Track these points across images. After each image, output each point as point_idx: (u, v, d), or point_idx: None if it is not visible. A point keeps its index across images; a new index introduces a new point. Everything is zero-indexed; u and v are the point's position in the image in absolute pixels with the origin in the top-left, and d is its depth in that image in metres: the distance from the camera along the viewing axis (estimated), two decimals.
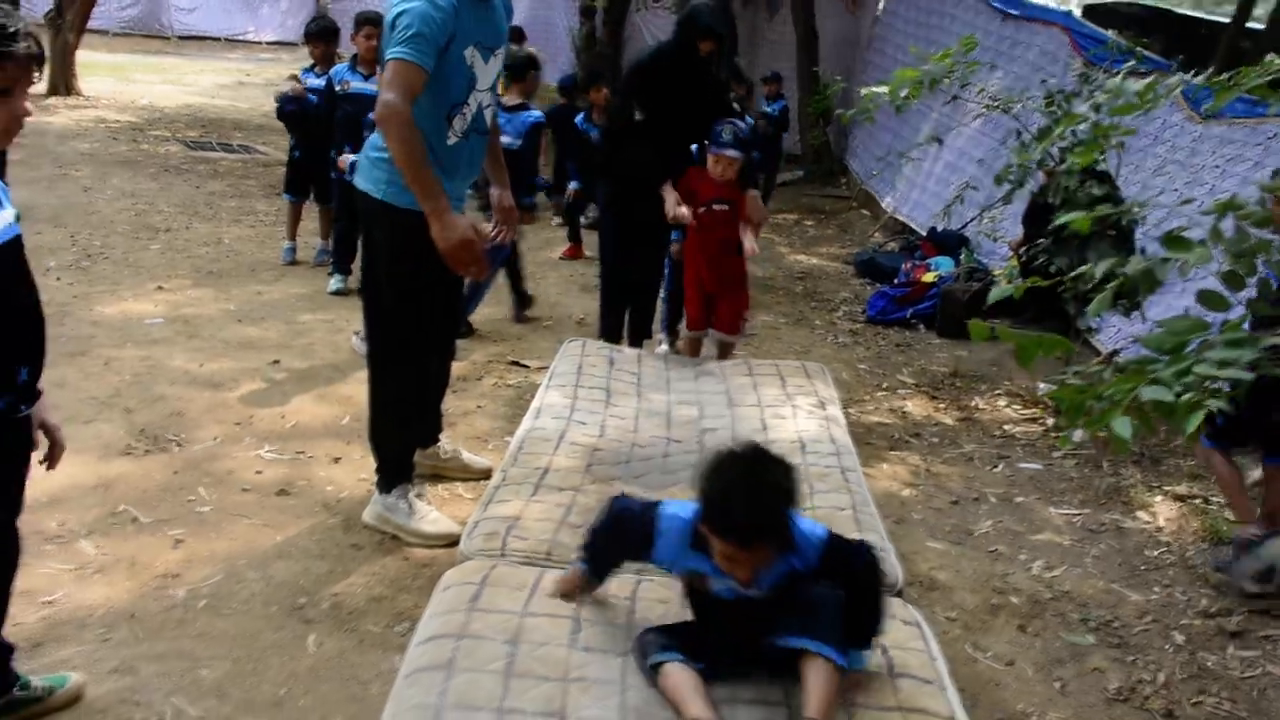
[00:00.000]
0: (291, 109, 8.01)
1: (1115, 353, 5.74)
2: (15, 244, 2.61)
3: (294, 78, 8.20)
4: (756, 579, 2.51)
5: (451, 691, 2.56)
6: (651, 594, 3.05)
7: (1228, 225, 3.33)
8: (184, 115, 14.77)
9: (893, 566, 3.37)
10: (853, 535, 3.53)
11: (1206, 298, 3.33)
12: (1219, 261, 3.29)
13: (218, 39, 26.28)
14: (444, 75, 3.79)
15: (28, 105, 2.55)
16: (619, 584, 3.11)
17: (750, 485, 2.43)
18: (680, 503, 2.70)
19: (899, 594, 3.25)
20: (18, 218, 2.65)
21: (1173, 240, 3.41)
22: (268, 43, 26.53)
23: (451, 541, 3.96)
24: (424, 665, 2.69)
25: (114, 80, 17.08)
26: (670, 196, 5.41)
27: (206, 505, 4.31)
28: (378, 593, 3.82)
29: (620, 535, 2.81)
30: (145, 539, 4.01)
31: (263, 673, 3.32)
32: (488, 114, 4.12)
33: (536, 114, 7.35)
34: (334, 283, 7.55)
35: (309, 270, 8.03)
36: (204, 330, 6.40)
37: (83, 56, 15.72)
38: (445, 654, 2.72)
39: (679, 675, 2.47)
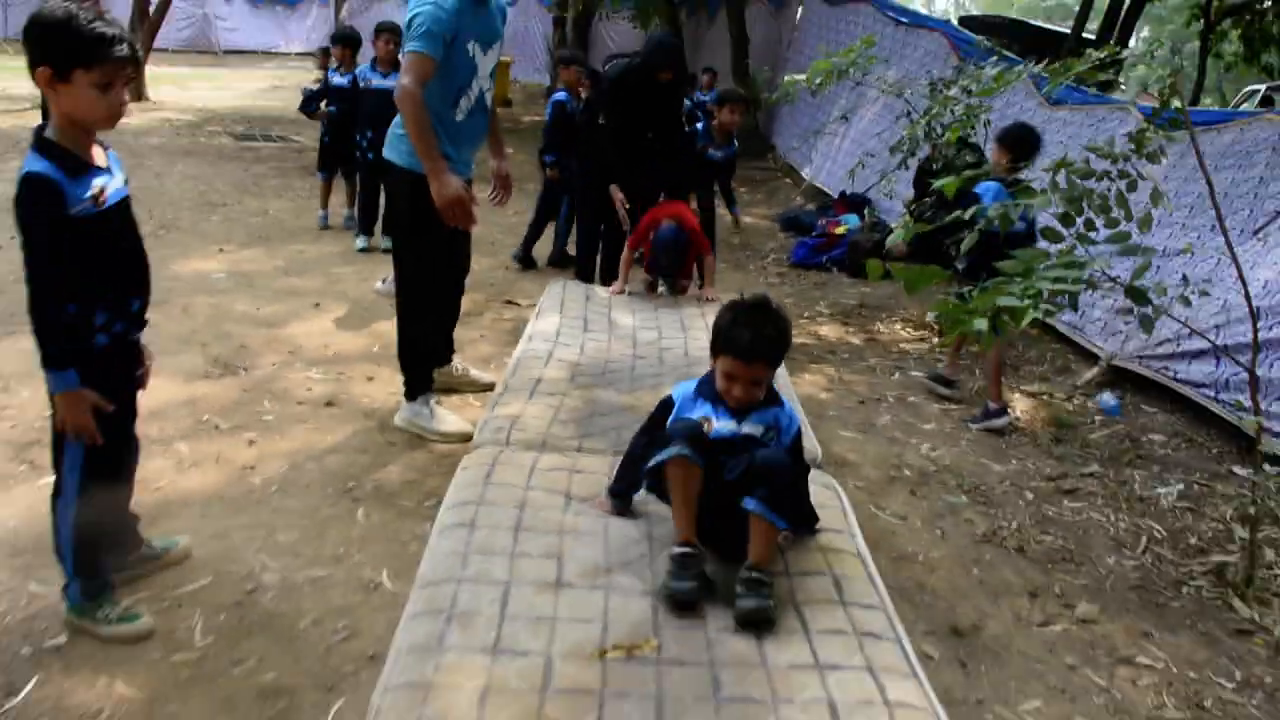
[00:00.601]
0: (313, 105, 8.15)
1: (1112, 357, 5.82)
2: (126, 202, 2.73)
3: (316, 81, 8.35)
4: (748, 413, 2.61)
5: (474, 542, 2.72)
6: None
7: (1062, 179, 3.53)
8: (232, 114, 14.63)
9: (813, 444, 3.56)
10: None
11: (1047, 233, 3.53)
12: (1055, 205, 3.49)
13: (255, 51, 26.48)
14: (451, 64, 3.90)
15: (125, 98, 2.64)
16: (597, 461, 3.29)
17: (756, 314, 2.59)
18: (687, 381, 2.83)
19: (818, 466, 3.43)
20: (125, 182, 2.76)
21: (1022, 190, 3.61)
22: (296, 54, 26.51)
23: (465, 438, 4.11)
24: (451, 524, 2.85)
25: (174, 88, 16.87)
26: (617, 198, 5.74)
27: (271, 415, 4.43)
28: (410, 478, 3.97)
29: (644, 438, 2.82)
30: (226, 441, 4.13)
31: (325, 537, 3.47)
32: (488, 96, 4.20)
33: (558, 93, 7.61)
34: (359, 242, 7.60)
35: (339, 233, 8.06)
36: (258, 282, 6.47)
37: (150, 70, 15.55)
38: (468, 515, 2.87)
39: (677, 474, 2.52)
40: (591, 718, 2.09)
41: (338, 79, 7.93)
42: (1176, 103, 3.59)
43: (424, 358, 4.41)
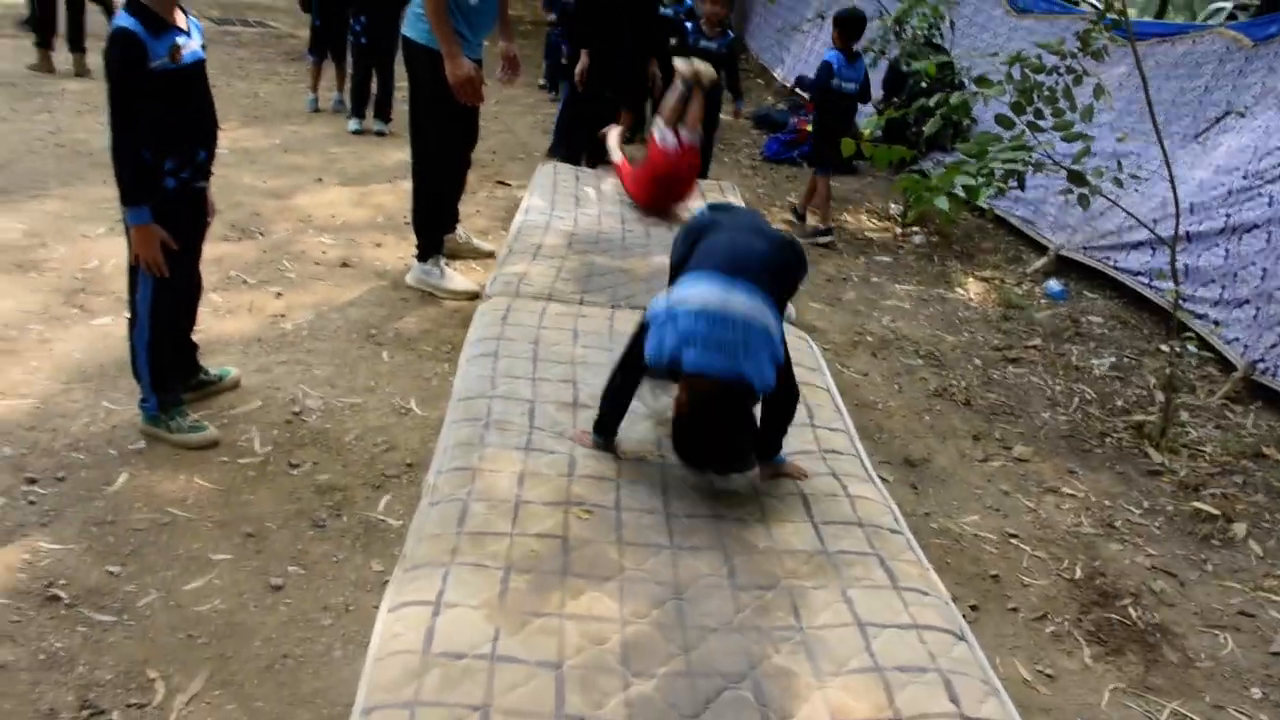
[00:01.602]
0: None
1: (1060, 248, 6.25)
2: (201, 64, 3.08)
3: None
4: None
5: (499, 369, 3.17)
6: (630, 315, 3.68)
7: (1016, 71, 3.96)
8: (204, 1, 14.57)
9: (789, 307, 4.03)
10: None
11: (1000, 120, 3.97)
12: (1010, 95, 3.92)
13: None
14: None
15: None
16: (598, 311, 3.74)
17: None
18: (659, 297, 2.55)
19: (792, 323, 3.89)
20: (203, 47, 3.11)
21: (980, 81, 4.05)
22: None
23: (472, 296, 4.54)
24: (477, 354, 3.29)
25: None
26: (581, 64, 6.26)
27: (292, 273, 4.81)
28: (425, 328, 4.38)
29: (621, 373, 2.67)
30: (255, 293, 4.51)
31: (356, 372, 3.90)
32: None
33: None
34: (352, 124, 7.84)
35: (329, 116, 8.28)
36: (260, 158, 6.75)
37: None
38: (491, 348, 3.32)
39: None
40: (611, 496, 2.57)
41: None
42: (1118, 5, 4.00)
43: (437, 222, 4.78)
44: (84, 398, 3.48)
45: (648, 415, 2.97)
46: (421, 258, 4.77)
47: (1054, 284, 5.90)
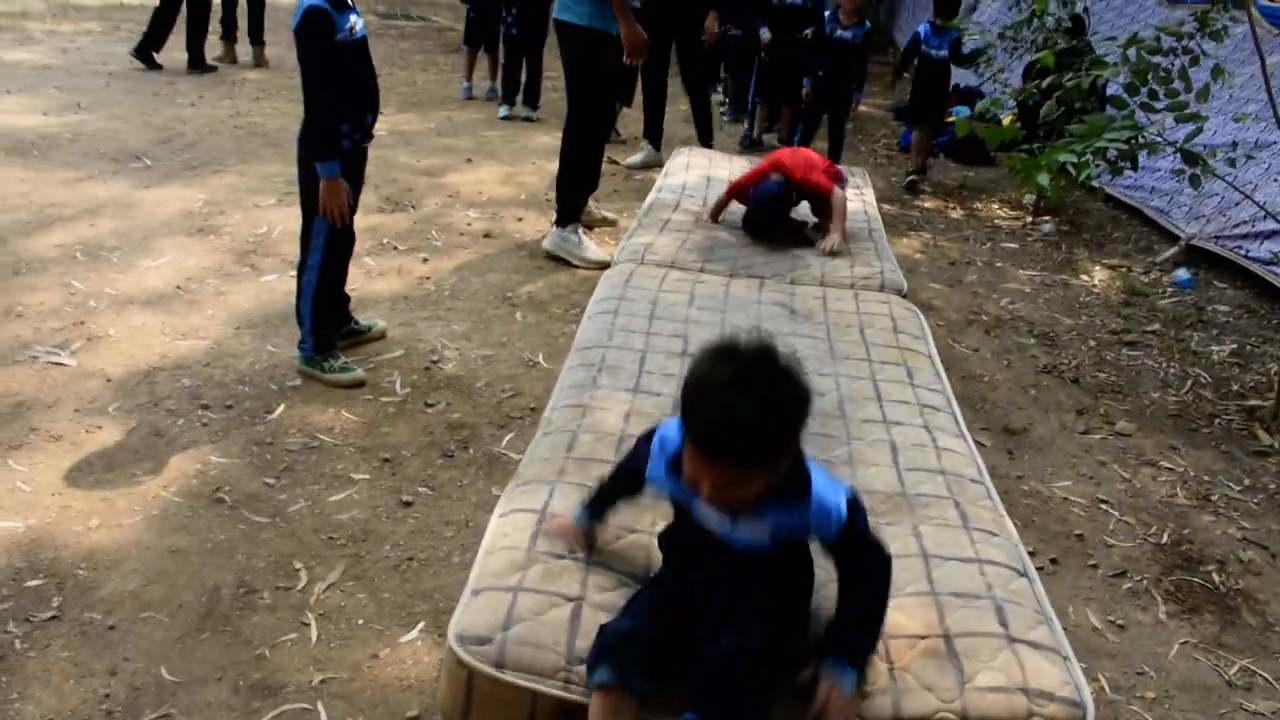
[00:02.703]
0: None
1: (1192, 238, 6.22)
2: (366, 39, 3.43)
3: None
4: (742, 517, 1.70)
5: (617, 324, 3.40)
6: (748, 283, 3.89)
7: (1132, 54, 4.00)
8: None
9: (899, 277, 4.17)
10: (873, 264, 4.34)
11: (1113, 100, 4.02)
12: (1125, 76, 3.97)
13: None
14: None
15: None
16: (717, 279, 3.95)
17: (737, 377, 1.55)
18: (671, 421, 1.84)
19: (903, 296, 4.03)
20: (364, 25, 3.46)
21: (1096, 63, 4.10)
22: None
23: (603, 265, 4.79)
24: (598, 311, 3.54)
25: None
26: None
27: (439, 241, 5.19)
28: (556, 293, 4.69)
29: (622, 466, 2.09)
30: (404, 258, 4.90)
31: (491, 329, 4.23)
32: None
33: None
34: (502, 110, 8.27)
35: (481, 103, 8.75)
36: (415, 140, 7.21)
37: None
38: (612, 306, 3.57)
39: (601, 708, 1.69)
40: None
41: None
42: None
43: (581, 189, 5.11)
44: (251, 342, 3.90)
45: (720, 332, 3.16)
46: (561, 223, 5.07)
47: (1182, 273, 5.83)
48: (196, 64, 8.76)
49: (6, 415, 3.27)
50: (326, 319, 3.64)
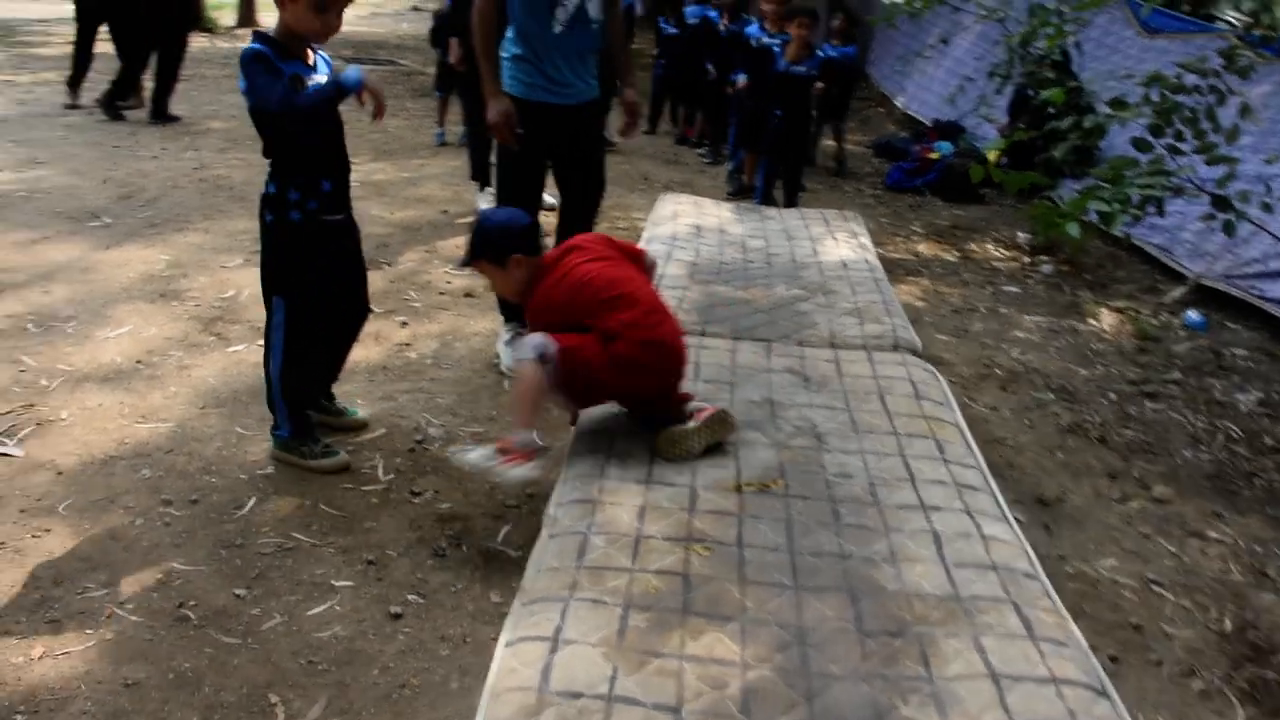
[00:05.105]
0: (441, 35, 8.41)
1: (1200, 277, 6.01)
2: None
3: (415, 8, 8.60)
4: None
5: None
6: (752, 346, 3.60)
7: (1154, 93, 3.77)
8: (338, 40, 15.06)
9: (911, 334, 3.90)
10: (883, 321, 4.08)
11: (1137, 143, 3.78)
12: (1147, 118, 3.73)
13: None
14: None
15: (339, 20, 3.03)
16: (720, 342, 3.66)
17: None
18: None
19: (919, 355, 3.76)
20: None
21: (1115, 103, 3.86)
22: None
23: None
24: None
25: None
26: None
27: (418, 302, 4.87)
28: None
29: None
30: (381, 322, 4.57)
31: (478, 401, 3.91)
32: (591, 7, 3.81)
33: None
34: None
35: (456, 149, 8.45)
36: (389, 190, 6.91)
37: None
38: None
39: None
40: (733, 533, 2.49)
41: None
42: (1265, 20, 3.78)
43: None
44: (217, 422, 3.56)
45: (770, 444, 2.89)
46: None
47: (1193, 314, 5.60)
48: (159, 114, 8.45)
49: None
50: (306, 403, 3.31)
